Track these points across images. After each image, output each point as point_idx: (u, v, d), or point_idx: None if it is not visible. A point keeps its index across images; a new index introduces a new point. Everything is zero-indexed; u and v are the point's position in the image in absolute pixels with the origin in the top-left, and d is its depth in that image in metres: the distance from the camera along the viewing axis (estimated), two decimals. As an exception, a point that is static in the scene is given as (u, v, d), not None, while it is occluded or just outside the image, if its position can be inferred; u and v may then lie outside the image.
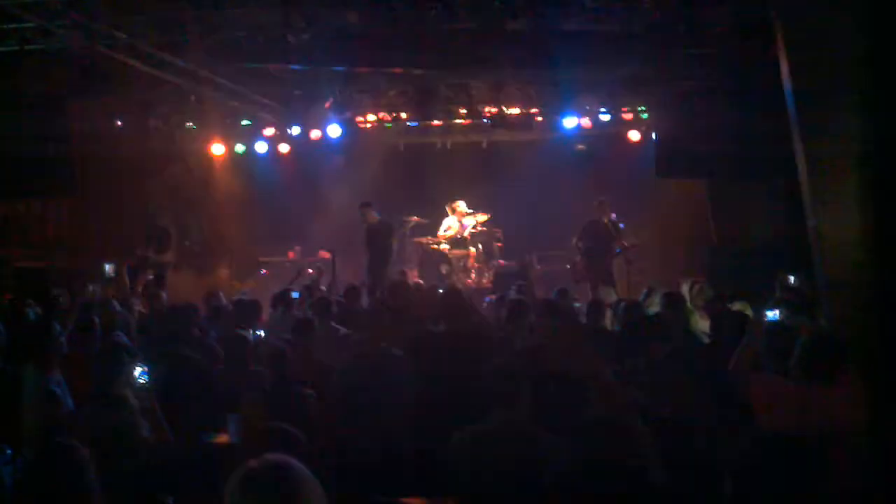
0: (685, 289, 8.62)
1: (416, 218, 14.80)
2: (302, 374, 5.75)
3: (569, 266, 13.49)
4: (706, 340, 6.57)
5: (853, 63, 6.44)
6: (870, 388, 4.64)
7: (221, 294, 9.20)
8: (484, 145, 15.51)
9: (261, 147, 15.49)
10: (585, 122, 14.01)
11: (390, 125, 15.06)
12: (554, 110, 13.96)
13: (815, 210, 6.79)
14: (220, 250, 14.65)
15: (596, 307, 7.71)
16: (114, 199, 13.78)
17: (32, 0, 8.85)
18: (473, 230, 14.73)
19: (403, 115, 14.69)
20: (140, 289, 10.77)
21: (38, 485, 3.56)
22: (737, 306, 7.01)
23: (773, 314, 5.45)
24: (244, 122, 15.19)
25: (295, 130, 14.71)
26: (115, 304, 7.62)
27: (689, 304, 8.04)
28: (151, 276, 11.63)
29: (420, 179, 15.57)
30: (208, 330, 7.41)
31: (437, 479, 4.45)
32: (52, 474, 3.49)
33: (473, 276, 14.41)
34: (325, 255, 14.55)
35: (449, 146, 15.70)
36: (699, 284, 8.74)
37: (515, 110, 14.05)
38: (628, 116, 14.18)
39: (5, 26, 9.56)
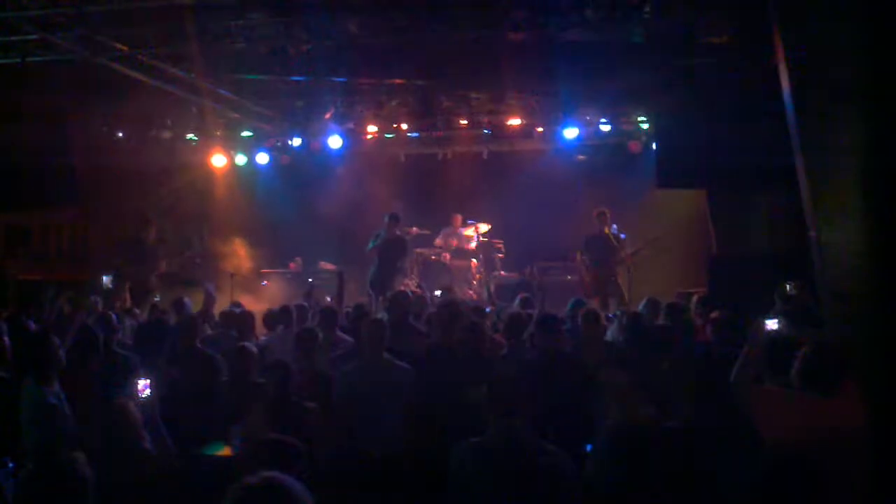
0: (693, 300, 8.61)
1: (416, 229, 14.79)
2: (304, 386, 5.75)
3: (569, 277, 13.48)
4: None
5: (855, 73, 6.44)
6: (871, 398, 4.63)
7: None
8: (484, 156, 15.50)
9: (262, 158, 15.52)
10: (586, 132, 14.02)
11: (391, 136, 15.09)
12: (554, 121, 14.00)
13: (817, 220, 6.78)
14: (220, 262, 14.61)
15: (592, 318, 7.57)
16: (115, 210, 13.81)
17: (35, 13, 8.88)
18: (474, 241, 14.73)
19: (404, 126, 14.72)
20: (137, 301, 10.76)
21: (38, 498, 3.55)
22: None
23: (773, 324, 5.43)
24: (245, 134, 15.22)
25: (296, 141, 14.74)
26: (114, 316, 7.61)
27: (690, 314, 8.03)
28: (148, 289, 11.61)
29: (421, 190, 15.57)
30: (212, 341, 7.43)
31: (439, 490, 4.44)
32: (52, 487, 3.49)
33: (475, 287, 14.39)
34: (328, 266, 14.54)
35: (449, 157, 15.70)
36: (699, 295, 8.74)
37: (516, 121, 14.09)
38: (629, 127, 14.20)
39: (8, 38, 9.59)
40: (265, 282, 14.55)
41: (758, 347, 4.85)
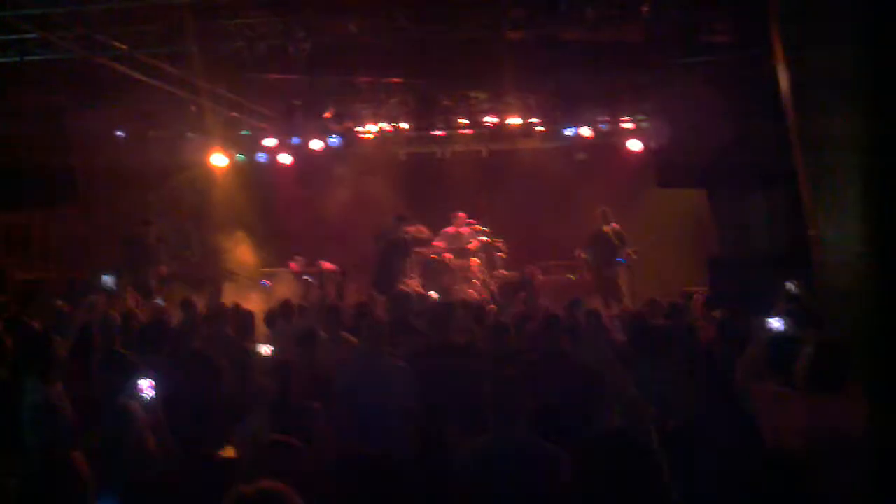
0: (697, 301, 8.64)
1: (416, 228, 14.78)
2: (306, 387, 5.74)
3: (571, 276, 13.50)
4: None
5: (854, 72, 6.44)
6: (872, 397, 4.63)
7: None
8: (484, 155, 15.48)
9: (261, 157, 15.50)
10: (585, 131, 14.00)
11: (391, 135, 15.07)
12: (554, 120, 13.99)
13: (817, 219, 6.79)
14: (220, 261, 14.61)
15: (594, 318, 7.60)
16: (115, 209, 13.80)
17: (34, 11, 8.87)
18: (475, 240, 14.72)
19: (404, 125, 14.70)
20: (139, 300, 10.75)
21: (39, 498, 3.56)
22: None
23: (776, 323, 5.44)
24: (244, 133, 15.19)
25: (295, 140, 14.72)
26: (116, 315, 7.61)
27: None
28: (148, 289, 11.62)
29: (421, 189, 15.55)
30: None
31: (442, 491, 4.44)
32: (52, 487, 3.49)
33: (476, 286, 14.38)
34: (327, 265, 14.53)
35: (449, 156, 15.69)
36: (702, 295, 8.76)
37: (516, 120, 14.06)
38: (628, 126, 14.19)
39: (7, 37, 9.58)
40: (265, 281, 14.55)
41: (761, 347, 4.86)
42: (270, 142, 15.18)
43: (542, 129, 14.39)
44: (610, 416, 4.64)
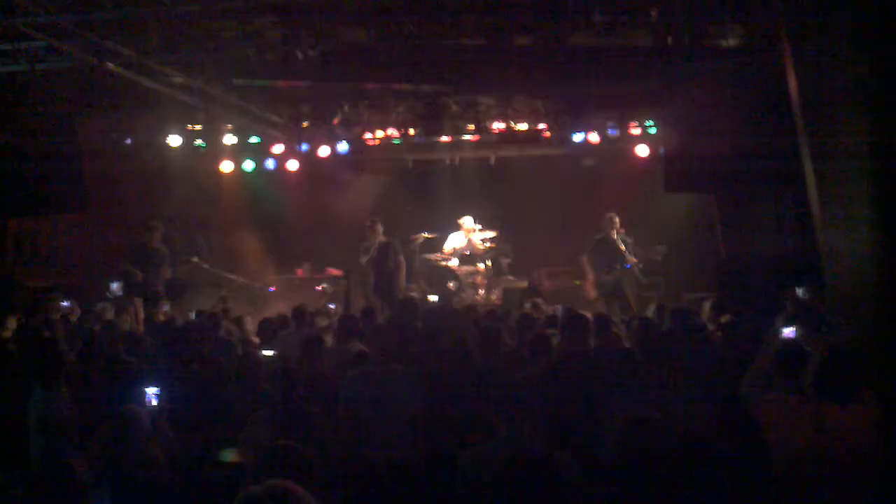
0: (706, 306, 8.62)
1: (424, 234, 14.79)
2: (310, 391, 5.75)
3: (578, 282, 13.46)
4: None
5: (861, 78, 6.42)
6: (882, 405, 4.59)
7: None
8: (492, 161, 15.47)
9: (269, 164, 15.53)
10: (593, 137, 13.98)
11: (399, 141, 15.06)
12: (562, 126, 13.97)
13: (825, 225, 6.76)
14: (227, 268, 14.61)
15: (602, 323, 7.52)
16: (123, 216, 13.84)
17: (42, 19, 8.90)
18: (482, 246, 14.70)
19: (412, 132, 14.70)
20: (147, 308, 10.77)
21: (40, 502, 3.57)
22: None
23: (788, 331, 5.40)
24: (253, 140, 15.21)
25: (303, 147, 14.74)
26: (121, 322, 7.63)
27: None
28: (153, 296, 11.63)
29: (428, 195, 15.56)
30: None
31: (446, 496, 4.43)
32: (53, 493, 3.50)
33: (482, 292, 14.36)
34: (335, 272, 14.54)
35: (457, 162, 15.69)
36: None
37: (523, 126, 14.05)
38: (636, 131, 14.15)
39: (16, 45, 9.62)
40: (272, 288, 14.56)
41: (770, 354, 4.83)
42: (279, 148, 15.20)
43: (549, 134, 14.36)
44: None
